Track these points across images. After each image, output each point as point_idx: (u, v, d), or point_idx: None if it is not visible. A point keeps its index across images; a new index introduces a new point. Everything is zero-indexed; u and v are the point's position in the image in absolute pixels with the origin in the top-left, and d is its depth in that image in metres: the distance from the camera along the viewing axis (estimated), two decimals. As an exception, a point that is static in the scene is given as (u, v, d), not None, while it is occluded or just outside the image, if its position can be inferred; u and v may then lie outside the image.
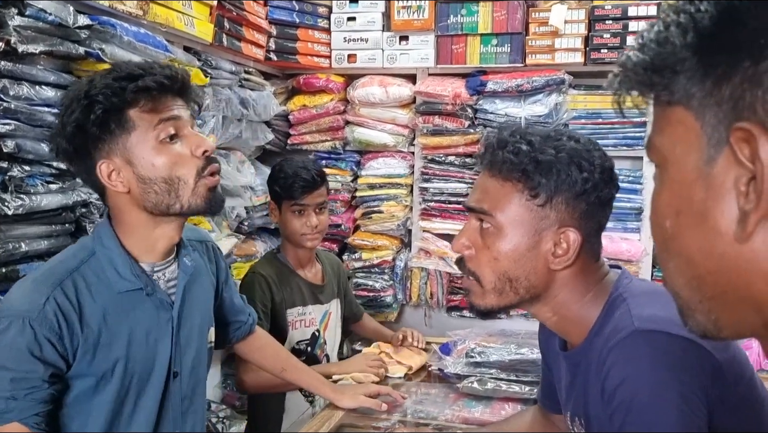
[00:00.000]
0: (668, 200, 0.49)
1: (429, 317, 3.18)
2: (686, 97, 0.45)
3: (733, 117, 0.42)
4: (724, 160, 0.43)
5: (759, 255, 0.42)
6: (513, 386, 1.85)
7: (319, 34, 3.11)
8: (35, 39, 1.53)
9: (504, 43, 2.92)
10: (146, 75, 1.17)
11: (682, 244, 0.48)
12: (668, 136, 0.48)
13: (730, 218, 0.43)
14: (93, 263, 1.22)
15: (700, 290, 0.48)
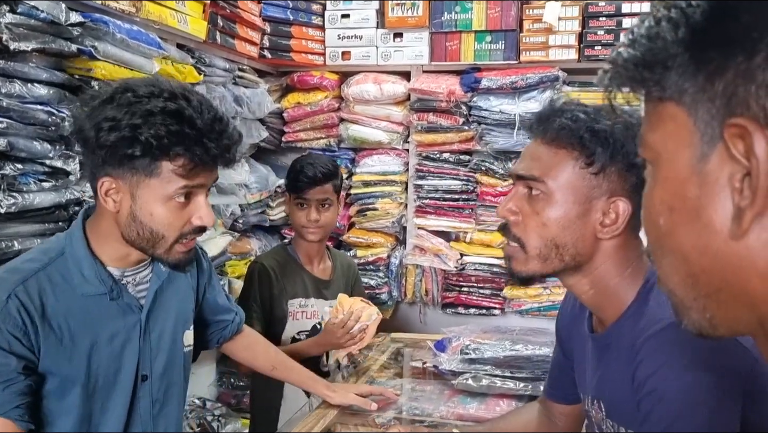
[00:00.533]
0: (661, 197, 0.48)
1: (424, 314, 3.18)
2: (678, 93, 0.45)
3: (726, 113, 0.41)
4: (717, 156, 0.42)
5: (754, 252, 0.42)
6: (508, 382, 1.85)
7: (313, 31, 3.11)
8: (27, 36, 1.53)
9: (498, 40, 2.92)
10: (204, 136, 1.12)
11: (676, 241, 0.47)
12: (660, 132, 0.47)
13: (724, 215, 0.42)
14: (60, 263, 1.20)
15: (695, 288, 0.47)
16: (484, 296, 3.06)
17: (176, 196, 1.15)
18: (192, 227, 1.19)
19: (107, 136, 1.09)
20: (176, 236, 1.18)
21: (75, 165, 1.68)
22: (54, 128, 1.61)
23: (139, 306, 1.29)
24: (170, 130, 1.09)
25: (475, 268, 3.03)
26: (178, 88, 1.16)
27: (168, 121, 1.09)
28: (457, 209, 3.03)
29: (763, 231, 0.41)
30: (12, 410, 1.12)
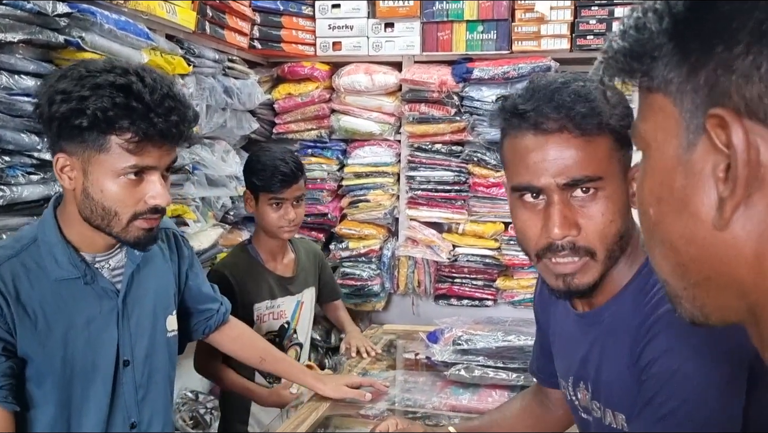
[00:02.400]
0: (651, 187, 0.49)
1: (417, 306, 3.18)
2: (665, 84, 0.45)
3: (709, 103, 0.42)
4: (702, 146, 0.43)
5: (740, 242, 0.42)
6: (500, 373, 1.86)
7: (304, 21, 3.09)
8: (13, 27, 1.51)
9: (490, 30, 2.91)
10: (151, 111, 1.11)
11: (665, 231, 0.48)
12: (650, 122, 0.48)
13: (709, 204, 0.43)
14: (33, 249, 1.22)
15: (685, 277, 0.48)
16: (477, 287, 3.06)
17: (126, 173, 1.16)
18: (147, 207, 1.19)
19: (58, 108, 1.11)
20: (130, 213, 1.19)
21: (63, 157, 1.66)
22: (41, 120, 1.59)
23: (115, 291, 1.29)
24: (116, 102, 1.10)
25: (467, 259, 3.03)
26: (133, 66, 1.18)
27: (115, 94, 1.10)
28: (450, 200, 3.02)
29: (748, 221, 0.41)
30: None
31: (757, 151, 0.40)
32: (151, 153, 1.16)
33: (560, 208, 0.92)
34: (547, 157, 0.92)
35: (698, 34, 0.42)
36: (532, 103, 0.93)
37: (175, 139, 1.18)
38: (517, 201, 0.98)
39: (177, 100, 1.16)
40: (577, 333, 1.07)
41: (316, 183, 3.12)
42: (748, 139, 0.40)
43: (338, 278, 3.11)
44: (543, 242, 0.94)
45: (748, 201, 0.41)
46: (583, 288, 0.96)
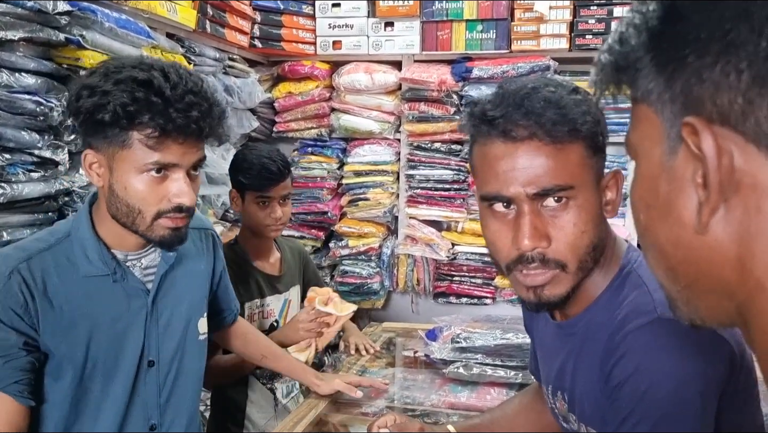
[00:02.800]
0: (640, 194, 0.50)
1: (416, 304, 3.19)
2: (647, 94, 0.46)
3: (684, 112, 0.43)
4: (682, 153, 0.44)
5: (721, 244, 0.43)
6: (498, 370, 1.86)
7: (304, 20, 3.09)
8: (14, 25, 1.51)
9: (489, 29, 2.92)
10: (171, 106, 1.09)
11: (654, 236, 0.49)
12: (638, 131, 0.49)
13: (691, 209, 0.44)
14: (66, 244, 1.21)
15: (676, 280, 0.49)
16: (476, 285, 3.07)
17: (148, 170, 1.14)
18: (171, 205, 1.17)
19: (83, 103, 1.10)
20: (154, 212, 1.16)
21: (64, 155, 1.67)
22: (42, 118, 1.59)
23: (146, 290, 1.28)
24: (135, 97, 1.08)
25: (466, 257, 3.04)
26: (160, 62, 1.16)
27: (135, 89, 1.09)
28: (449, 199, 3.03)
29: (728, 224, 0.43)
30: (11, 385, 1.13)
31: (731, 157, 0.41)
32: (172, 149, 1.13)
33: (530, 218, 0.89)
34: (516, 166, 0.89)
35: (672, 45, 0.44)
36: (501, 109, 0.89)
37: (195, 134, 1.14)
38: (487, 211, 0.94)
39: (200, 96, 1.13)
40: (555, 343, 1.05)
41: (316, 181, 3.13)
42: (719, 146, 0.41)
43: (338, 276, 3.12)
44: (514, 253, 0.91)
45: (726, 205, 0.42)
46: (554, 300, 0.93)
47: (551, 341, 1.07)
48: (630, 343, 0.86)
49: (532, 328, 1.20)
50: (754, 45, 0.39)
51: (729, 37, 0.40)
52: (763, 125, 0.40)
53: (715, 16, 0.41)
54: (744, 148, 0.41)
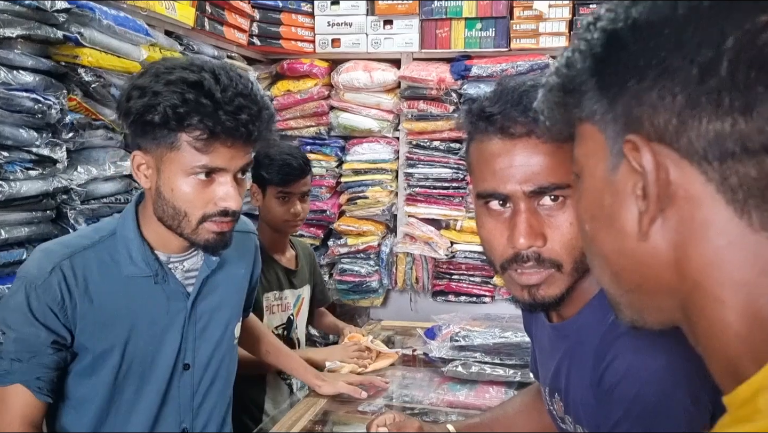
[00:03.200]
0: (585, 207, 0.55)
1: (414, 302, 3.19)
2: (591, 114, 0.51)
3: (626, 130, 0.47)
4: (623, 168, 0.48)
5: (660, 250, 0.48)
6: (497, 369, 1.86)
7: (303, 18, 3.09)
8: (12, 23, 1.51)
9: (488, 28, 2.91)
10: (221, 108, 1.08)
11: (599, 245, 0.53)
12: (583, 149, 0.54)
13: (632, 219, 0.48)
14: (110, 243, 1.22)
15: (620, 285, 0.53)
16: (475, 283, 3.07)
17: (196, 173, 1.12)
18: (216, 209, 1.15)
19: (134, 103, 1.10)
20: (199, 215, 1.15)
21: (62, 153, 1.66)
22: (40, 116, 1.59)
23: (186, 293, 1.28)
24: (185, 98, 1.07)
25: (465, 256, 3.04)
26: (211, 64, 1.15)
27: (186, 90, 1.08)
28: (448, 197, 3.03)
29: (665, 232, 0.47)
30: (33, 380, 1.14)
31: (667, 172, 0.45)
32: (220, 152, 1.11)
33: (526, 216, 0.88)
34: (513, 163, 0.88)
35: (614, 71, 0.48)
36: (500, 106, 0.88)
37: (244, 138, 1.12)
38: (483, 209, 0.93)
39: (250, 99, 1.11)
40: (551, 344, 1.05)
41: (315, 180, 3.12)
42: (657, 161, 0.45)
43: (336, 274, 3.12)
44: (509, 252, 0.90)
45: (663, 214, 0.47)
46: (549, 300, 0.92)
47: (548, 343, 1.07)
48: (620, 346, 0.85)
49: (532, 329, 1.20)
50: (686, 72, 0.44)
51: (664, 64, 0.45)
52: (695, 143, 0.44)
53: (652, 45, 0.45)
54: (678, 163, 0.45)
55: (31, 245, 1.62)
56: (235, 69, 1.18)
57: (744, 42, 0.42)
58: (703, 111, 0.43)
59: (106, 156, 1.86)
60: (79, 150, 1.78)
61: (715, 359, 0.48)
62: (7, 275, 1.56)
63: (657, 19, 0.45)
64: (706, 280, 0.45)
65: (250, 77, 1.21)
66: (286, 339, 2.08)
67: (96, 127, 1.82)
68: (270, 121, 1.17)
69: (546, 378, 1.07)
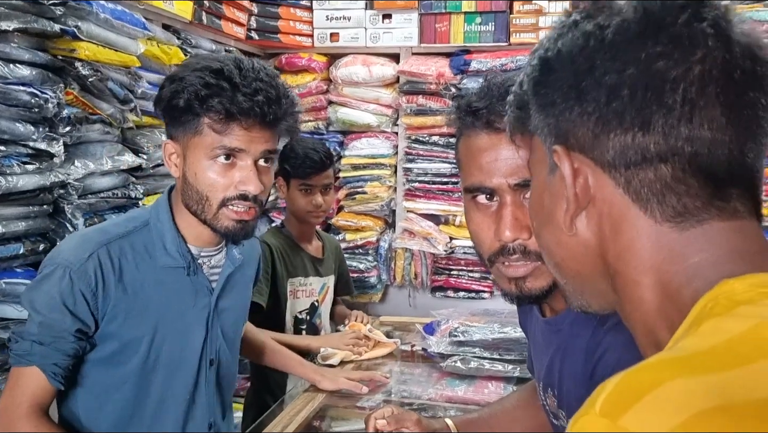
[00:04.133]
0: (532, 206, 0.63)
1: (413, 298, 3.19)
2: (535, 127, 0.59)
3: (555, 142, 0.55)
4: (558, 173, 0.55)
5: (589, 242, 0.55)
6: (496, 364, 1.86)
7: (301, 12, 3.08)
8: (9, 16, 1.50)
9: (488, 22, 2.90)
10: (238, 90, 1.12)
11: (542, 239, 0.62)
12: (533, 157, 0.62)
13: (563, 216, 0.56)
14: (144, 232, 1.23)
15: (563, 273, 0.61)
16: (474, 279, 3.07)
17: (217, 156, 1.15)
18: (236, 192, 1.17)
19: (164, 92, 1.16)
20: (220, 199, 1.17)
21: (59, 147, 1.65)
22: (37, 110, 1.58)
23: (211, 288, 1.30)
24: (207, 82, 1.12)
25: (464, 251, 3.04)
26: (239, 57, 1.21)
27: (207, 76, 1.13)
28: (447, 192, 3.02)
29: (591, 227, 0.55)
30: (50, 365, 1.15)
31: (586, 177, 0.54)
32: (238, 134, 1.14)
33: (512, 209, 0.89)
34: (499, 157, 0.89)
35: (546, 92, 0.56)
36: (486, 101, 0.90)
37: (260, 119, 1.14)
38: (471, 203, 0.95)
39: (267, 84, 1.15)
40: (544, 339, 1.05)
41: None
42: (575, 168, 0.54)
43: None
44: (496, 245, 0.91)
45: (586, 212, 0.55)
46: (535, 292, 0.93)
47: (541, 338, 1.07)
48: (611, 340, 0.86)
49: (527, 325, 1.20)
50: (597, 94, 0.51)
51: (580, 87, 0.52)
52: (605, 154, 0.52)
53: (572, 71, 0.53)
54: (594, 169, 0.53)
55: (28, 240, 1.61)
56: (262, 62, 1.22)
57: (641, 69, 0.49)
58: (610, 127, 0.51)
59: (103, 150, 1.86)
60: (76, 144, 1.77)
61: (639, 331, 0.55)
62: (4, 270, 1.56)
63: (575, 49, 0.53)
64: (625, 266, 0.53)
65: (277, 72, 1.23)
66: (309, 323, 2.17)
67: (93, 121, 1.82)
68: (292, 109, 1.20)
69: (540, 373, 1.07)
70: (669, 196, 0.50)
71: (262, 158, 1.19)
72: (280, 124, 1.18)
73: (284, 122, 1.19)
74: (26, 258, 1.61)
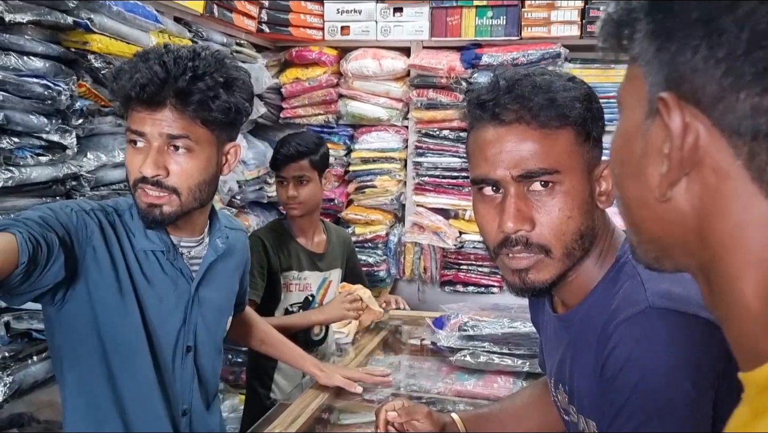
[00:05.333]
0: (618, 148, 0.52)
1: (422, 292, 3.19)
2: (639, 55, 0.47)
3: (665, 84, 0.45)
4: (658, 121, 0.46)
5: (684, 213, 0.46)
6: (505, 359, 1.86)
7: (312, 5, 3.07)
8: (22, 8, 1.50)
9: (499, 15, 2.89)
10: (137, 69, 1.12)
11: (623, 191, 0.52)
12: (626, 86, 0.51)
13: (657, 176, 0.46)
14: (128, 216, 1.25)
15: (639, 234, 0.52)
16: (483, 273, 3.06)
17: (128, 140, 1.18)
18: (140, 175, 1.16)
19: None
20: (132, 181, 1.19)
21: (72, 139, 1.66)
22: (50, 102, 1.59)
23: (191, 276, 1.30)
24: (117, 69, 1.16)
25: (474, 246, 3.03)
26: (169, 44, 1.20)
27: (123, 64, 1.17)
28: (457, 187, 3.02)
29: (690, 197, 0.45)
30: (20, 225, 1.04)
31: (697, 136, 0.43)
32: (135, 117, 1.15)
33: (515, 201, 0.90)
34: (503, 149, 0.91)
35: (665, 18, 0.44)
36: (493, 94, 0.92)
37: (146, 101, 1.12)
38: (477, 195, 0.96)
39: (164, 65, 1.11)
40: (556, 335, 1.05)
41: (323, 168, 3.12)
42: (687, 123, 0.43)
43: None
44: (499, 236, 0.92)
45: (688, 179, 0.45)
46: (539, 285, 0.94)
47: (553, 334, 1.07)
48: (621, 334, 0.86)
49: (538, 321, 1.20)
50: (735, 37, 0.40)
51: (713, 24, 0.41)
52: (729, 115, 0.42)
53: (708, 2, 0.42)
54: (710, 131, 0.43)
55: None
56: (194, 46, 1.21)
57: None
58: (743, 83, 0.41)
59: (115, 143, 1.87)
60: (88, 136, 1.78)
61: (732, 331, 0.47)
62: (17, 261, 1.56)
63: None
64: (726, 254, 0.45)
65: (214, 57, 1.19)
66: None
67: (105, 113, 1.82)
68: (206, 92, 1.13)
69: (552, 369, 1.07)
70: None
71: (169, 143, 1.15)
72: (184, 106, 1.13)
73: (187, 105, 1.13)
74: (39, 249, 1.62)
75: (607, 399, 0.87)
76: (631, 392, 0.83)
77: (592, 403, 0.93)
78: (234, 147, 1.27)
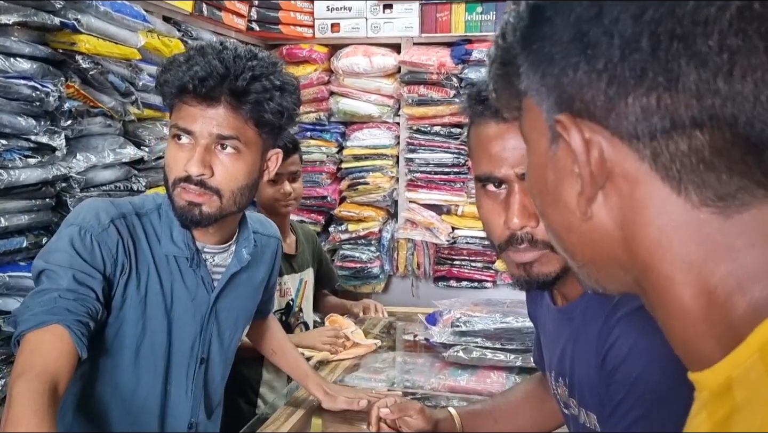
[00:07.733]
0: (533, 181, 0.52)
1: (416, 288, 3.20)
2: (528, 87, 0.48)
3: (557, 107, 0.45)
4: (562, 144, 0.45)
5: (607, 228, 0.46)
6: (498, 354, 1.86)
7: (302, 3, 3.07)
8: (8, 9, 1.50)
9: (489, 11, 2.89)
10: (188, 65, 1.08)
11: (548, 220, 0.51)
12: (527, 122, 0.51)
13: (574, 197, 0.46)
14: (155, 216, 1.21)
15: (574, 258, 0.51)
16: (476, 269, 3.07)
17: (173, 135, 1.13)
18: (184, 173, 1.12)
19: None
20: (172, 179, 1.14)
21: (61, 141, 1.66)
22: (38, 103, 1.58)
23: (212, 286, 1.26)
24: (169, 61, 1.13)
25: (466, 241, 3.04)
26: (225, 41, 1.18)
27: (176, 56, 1.13)
28: (449, 183, 3.02)
29: (609, 210, 0.45)
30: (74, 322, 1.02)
31: (600, 149, 0.43)
32: (184, 112, 1.11)
33: (520, 198, 0.90)
34: (507, 147, 0.91)
35: (540, 46, 0.45)
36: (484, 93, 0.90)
37: (201, 95, 1.08)
38: (481, 191, 0.96)
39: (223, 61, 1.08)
40: (556, 328, 1.05)
41: (315, 166, 3.12)
42: (587, 139, 0.43)
43: (338, 260, 3.12)
44: (505, 233, 0.92)
45: (603, 192, 0.44)
46: (543, 278, 0.94)
47: (553, 327, 1.07)
48: (623, 327, 0.87)
49: (536, 315, 1.20)
50: (608, 46, 0.41)
51: (585, 39, 0.42)
52: (623, 121, 0.42)
53: (573, 18, 0.42)
54: (611, 140, 0.43)
55: (30, 233, 1.62)
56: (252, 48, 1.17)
57: (664, 11, 0.39)
58: (628, 87, 0.41)
59: (104, 143, 1.86)
60: (77, 138, 1.77)
61: (675, 336, 0.47)
62: (7, 263, 1.56)
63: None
64: (655, 260, 0.44)
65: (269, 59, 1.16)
66: (283, 323, 2.07)
67: (94, 114, 1.82)
68: (261, 94, 1.11)
69: (551, 362, 1.07)
70: (707, 173, 0.41)
71: (217, 143, 1.12)
72: (240, 105, 1.10)
73: (242, 104, 1.10)
74: (29, 252, 1.61)
75: (608, 392, 0.87)
76: (632, 385, 0.83)
77: (592, 396, 0.93)
78: (276, 154, 1.23)
